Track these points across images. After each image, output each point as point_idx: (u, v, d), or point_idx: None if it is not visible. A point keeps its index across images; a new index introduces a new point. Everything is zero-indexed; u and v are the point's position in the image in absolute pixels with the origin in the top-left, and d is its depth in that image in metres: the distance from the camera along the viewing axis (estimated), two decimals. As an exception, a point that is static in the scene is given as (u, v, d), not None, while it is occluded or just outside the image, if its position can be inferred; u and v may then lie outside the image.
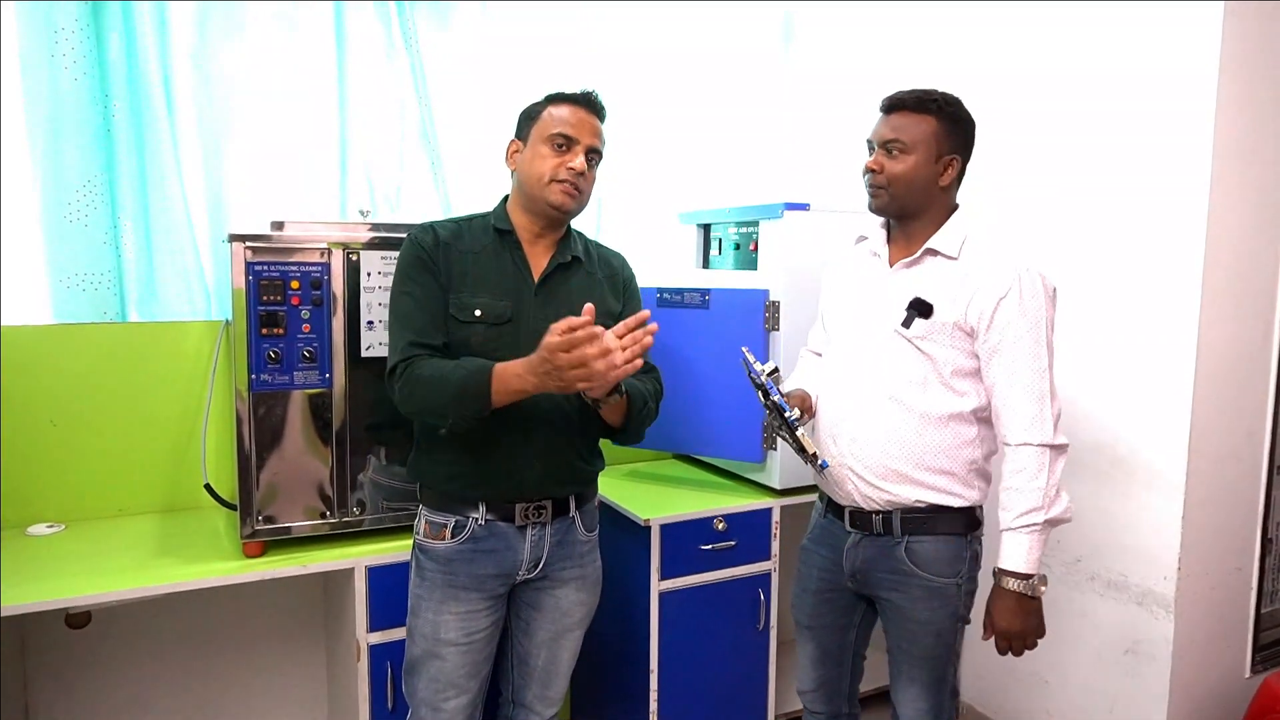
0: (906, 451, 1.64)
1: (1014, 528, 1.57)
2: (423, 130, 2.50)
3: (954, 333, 1.60)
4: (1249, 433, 2.23)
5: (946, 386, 1.62)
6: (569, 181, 1.62)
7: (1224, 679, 2.29)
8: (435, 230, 1.67)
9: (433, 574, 1.66)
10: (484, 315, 1.62)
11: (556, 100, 1.67)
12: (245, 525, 1.87)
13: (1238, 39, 2.02)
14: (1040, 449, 1.56)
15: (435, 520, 1.67)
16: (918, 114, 1.62)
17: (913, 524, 1.65)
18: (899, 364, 1.64)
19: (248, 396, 1.85)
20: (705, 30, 2.89)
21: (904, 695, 1.74)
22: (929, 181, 1.63)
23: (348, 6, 2.39)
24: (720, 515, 2.24)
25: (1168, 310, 2.12)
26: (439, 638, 1.64)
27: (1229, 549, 2.24)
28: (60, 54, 2.03)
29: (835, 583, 1.79)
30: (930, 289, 1.62)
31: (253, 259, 1.83)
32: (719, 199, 2.90)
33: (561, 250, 1.70)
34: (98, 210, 2.11)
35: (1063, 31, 2.34)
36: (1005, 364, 1.58)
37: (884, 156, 1.63)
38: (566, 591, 1.73)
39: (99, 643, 2.14)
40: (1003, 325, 1.57)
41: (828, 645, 1.84)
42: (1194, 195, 2.05)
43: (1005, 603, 1.58)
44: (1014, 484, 1.58)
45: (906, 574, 1.67)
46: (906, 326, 1.62)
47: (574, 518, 1.73)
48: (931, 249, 1.64)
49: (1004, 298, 1.56)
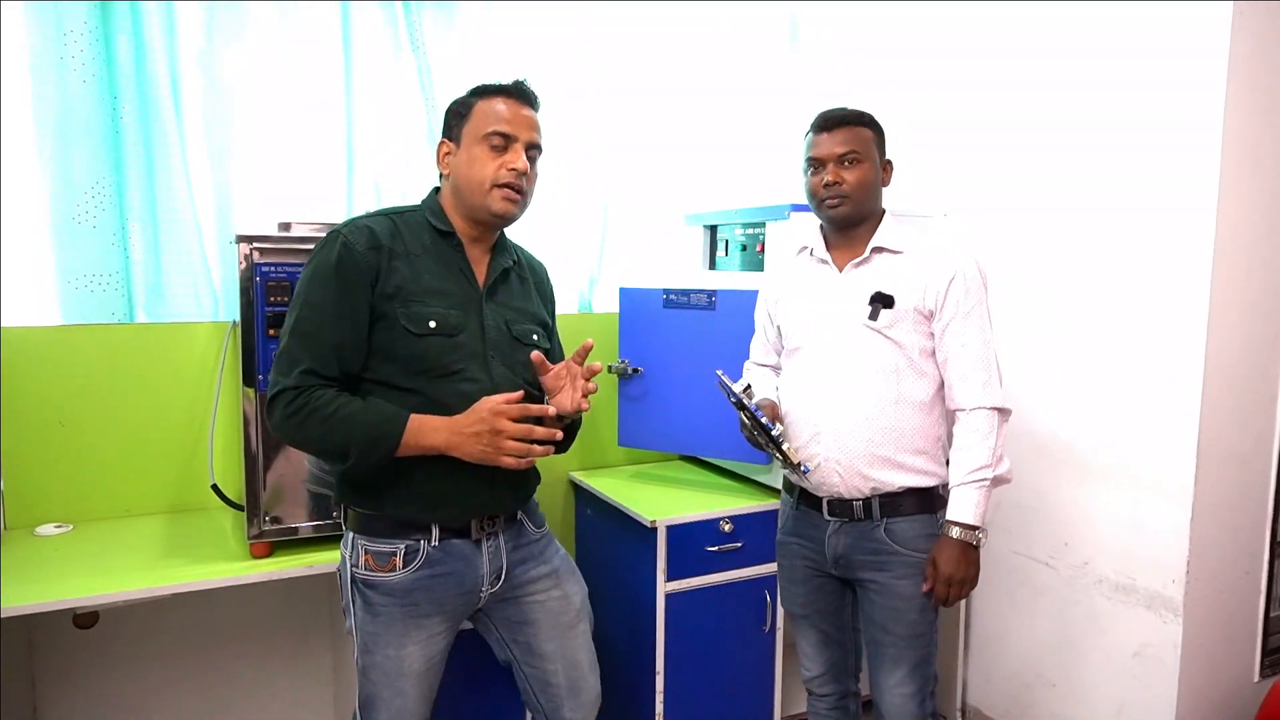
0: (887, 437, 1.73)
1: (965, 482, 1.69)
2: (429, 132, 2.51)
3: (915, 317, 1.73)
4: (1258, 436, 2.21)
5: (915, 370, 1.74)
6: (510, 185, 1.52)
7: (1233, 683, 2.28)
8: (371, 230, 1.49)
9: (388, 609, 1.51)
10: (439, 327, 1.50)
11: (485, 93, 1.56)
12: (252, 526, 1.87)
13: (1247, 40, 2.01)
14: (991, 412, 1.70)
15: (380, 550, 1.51)
16: (858, 126, 1.77)
17: (889, 507, 1.75)
18: (870, 355, 1.74)
19: (255, 397, 1.85)
20: (711, 31, 2.89)
21: (889, 682, 1.78)
22: (877, 186, 1.80)
23: (354, 8, 2.40)
24: (726, 517, 2.24)
25: (1176, 314, 2.11)
26: (402, 672, 1.53)
27: (1238, 553, 2.23)
28: (70, 56, 2.04)
29: (820, 569, 1.85)
30: (885, 282, 1.75)
31: (260, 260, 1.83)
32: (725, 200, 2.90)
33: (501, 254, 1.63)
34: (106, 211, 2.12)
35: (1069, 33, 2.33)
36: (957, 336, 1.72)
37: (841, 169, 1.74)
38: (545, 589, 1.66)
39: (106, 643, 2.14)
40: (954, 303, 1.72)
41: (827, 629, 1.90)
42: (1202, 199, 2.05)
43: (953, 551, 1.68)
44: (966, 443, 1.71)
45: (889, 552, 1.75)
46: (874, 319, 1.74)
47: (521, 519, 1.66)
48: (879, 246, 1.78)
49: (953, 279, 1.72)
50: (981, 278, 1.75)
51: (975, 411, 1.70)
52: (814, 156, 1.77)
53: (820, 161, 1.76)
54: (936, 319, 1.73)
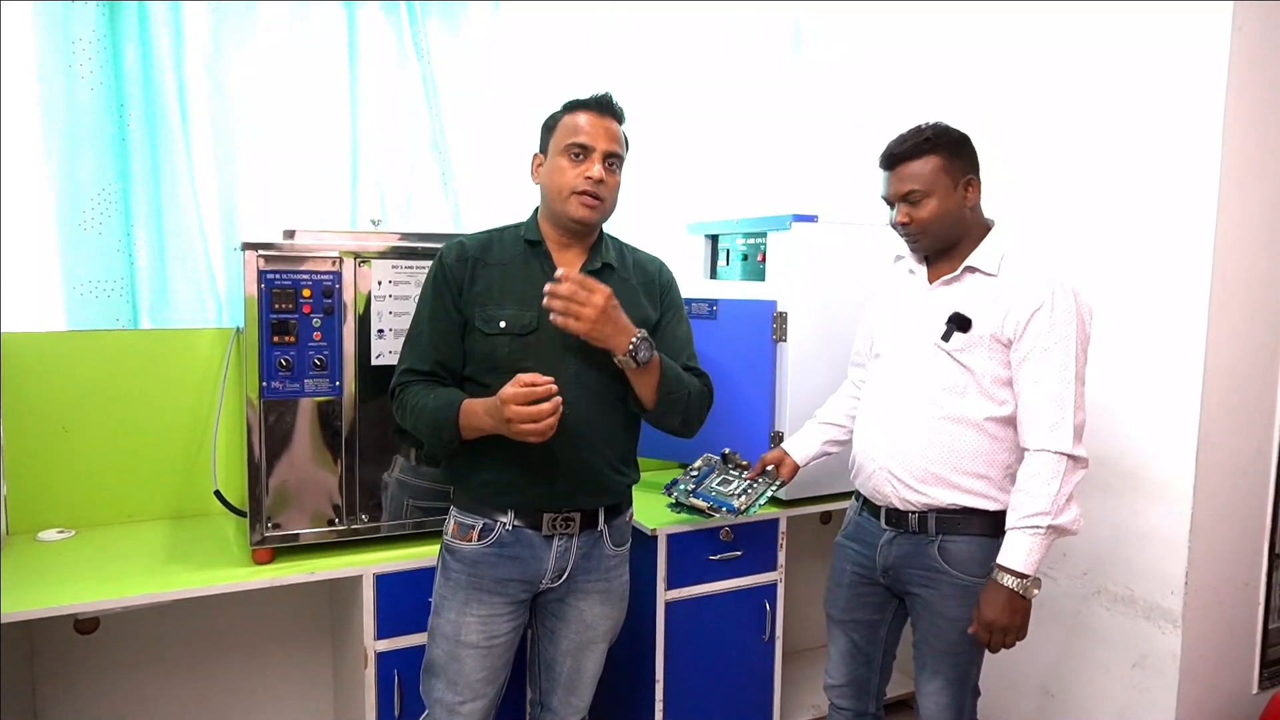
0: (944, 455, 1.69)
1: (1019, 527, 1.61)
2: (433, 139, 2.52)
3: (991, 344, 1.67)
4: (1257, 447, 2.22)
5: (984, 394, 1.68)
6: (588, 193, 1.61)
7: (1231, 694, 2.28)
8: (463, 244, 1.68)
9: (457, 574, 1.67)
10: (508, 327, 1.62)
11: (571, 108, 1.67)
12: (254, 532, 1.88)
13: (1246, 43, 2.02)
14: (1057, 456, 1.60)
15: (464, 522, 1.68)
16: (919, 158, 1.68)
17: (946, 524, 1.71)
18: (938, 375, 1.71)
19: (258, 404, 1.86)
20: (714, 39, 2.90)
21: (927, 689, 1.78)
22: (958, 210, 1.71)
23: (360, 16, 2.41)
24: (727, 525, 2.24)
25: (1175, 323, 2.12)
26: (460, 639, 1.65)
27: (1237, 564, 2.23)
28: (77, 64, 2.06)
29: (869, 577, 1.84)
30: (969, 304, 1.69)
31: (265, 267, 1.84)
32: (727, 210, 2.91)
33: (591, 258, 1.70)
34: (111, 218, 2.13)
35: (1070, 39, 2.34)
36: (1032, 372, 1.63)
37: (908, 207, 1.70)
38: (590, 604, 1.72)
39: (107, 648, 2.14)
40: (1034, 336, 1.63)
41: (859, 641, 1.89)
42: (1202, 205, 2.05)
43: (997, 597, 1.61)
44: (1026, 486, 1.62)
45: (938, 571, 1.72)
46: (946, 340, 1.69)
47: (602, 531, 1.71)
48: (971, 266, 1.71)
49: (1038, 310, 1.63)
50: (1078, 312, 1.63)
51: (1040, 454, 1.61)
52: (884, 195, 1.74)
53: (888, 201, 1.74)
54: (1014, 349, 1.65)
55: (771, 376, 2.34)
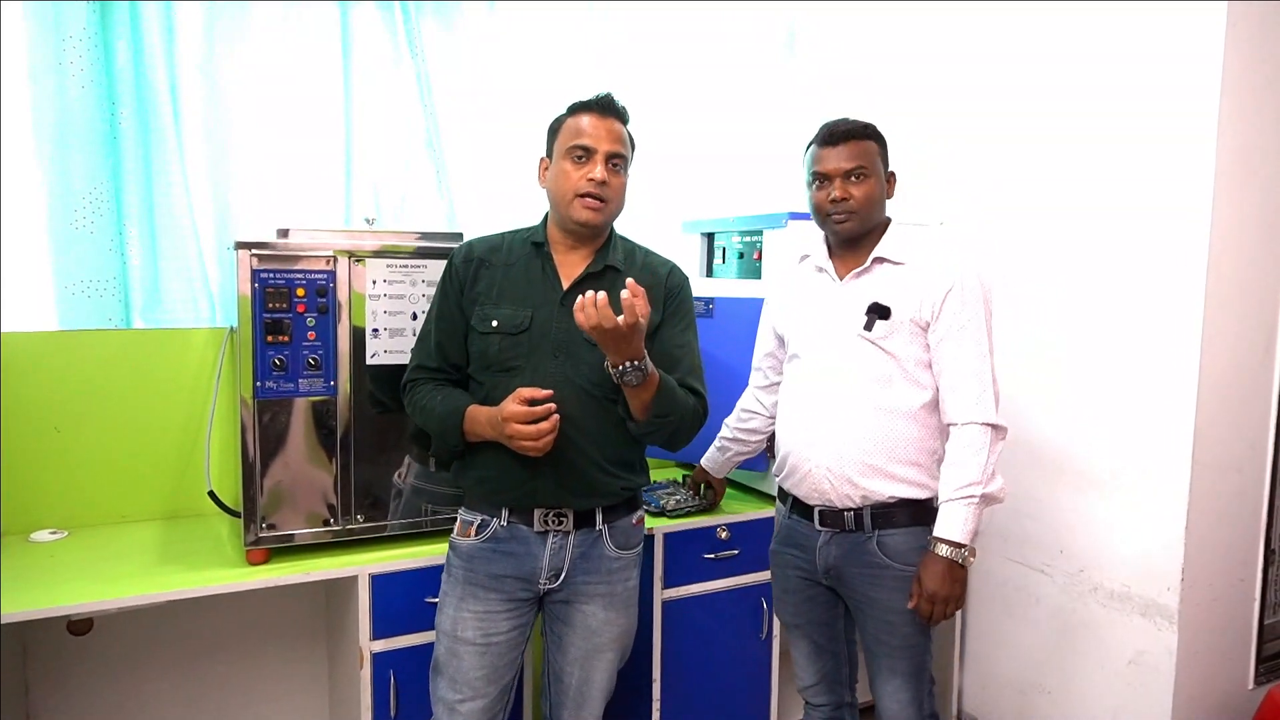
0: (879, 446, 1.73)
1: (954, 499, 1.66)
2: (428, 138, 2.51)
3: (912, 329, 1.72)
4: (1252, 444, 2.23)
5: (910, 381, 1.73)
6: (591, 195, 1.62)
7: (1228, 691, 2.29)
8: (472, 246, 1.72)
9: (456, 570, 1.70)
10: (500, 326, 1.64)
11: (574, 111, 1.68)
12: (249, 532, 1.87)
13: (1241, 42, 2.02)
14: (983, 427, 1.67)
15: (466, 518, 1.72)
16: (864, 140, 1.75)
17: (881, 518, 1.74)
18: (864, 365, 1.74)
19: (252, 404, 1.85)
20: (709, 39, 2.90)
21: (886, 688, 1.79)
22: (882, 198, 1.79)
23: (353, 15, 2.40)
24: (723, 524, 2.24)
25: (1170, 321, 2.12)
26: (457, 635, 1.66)
27: (1232, 560, 2.24)
28: (68, 61, 2.04)
29: (812, 579, 1.85)
30: (884, 293, 1.74)
31: (258, 266, 1.83)
32: (722, 208, 2.90)
33: (595, 260, 1.69)
34: (104, 217, 2.12)
35: (1064, 39, 2.35)
36: (951, 350, 1.70)
37: (848, 184, 1.73)
38: (594, 608, 1.71)
39: (101, 649, 2.13)
40: (949, 316, 1.70)
41: (819, 640, 1.90)
42: (1197, 205, 2.06)
43: (937, 567, 1.65)
44: (957, 459, 1.68)
45: (880, 566, 1.74)
46: (869, 329, 1.73)
47: (601, 531, 1.70)
48: (880, 257, 1.76)
49: (949, 291, 1.70)
50: (982, 290, 1.73)
51: (967, 426, 1.68)
52: (820, 171, 1.75)
53: (826, 176, 1.74)
54: (932, 331, 1.72)
55: (767, 375, 2.33)
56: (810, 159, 1.79)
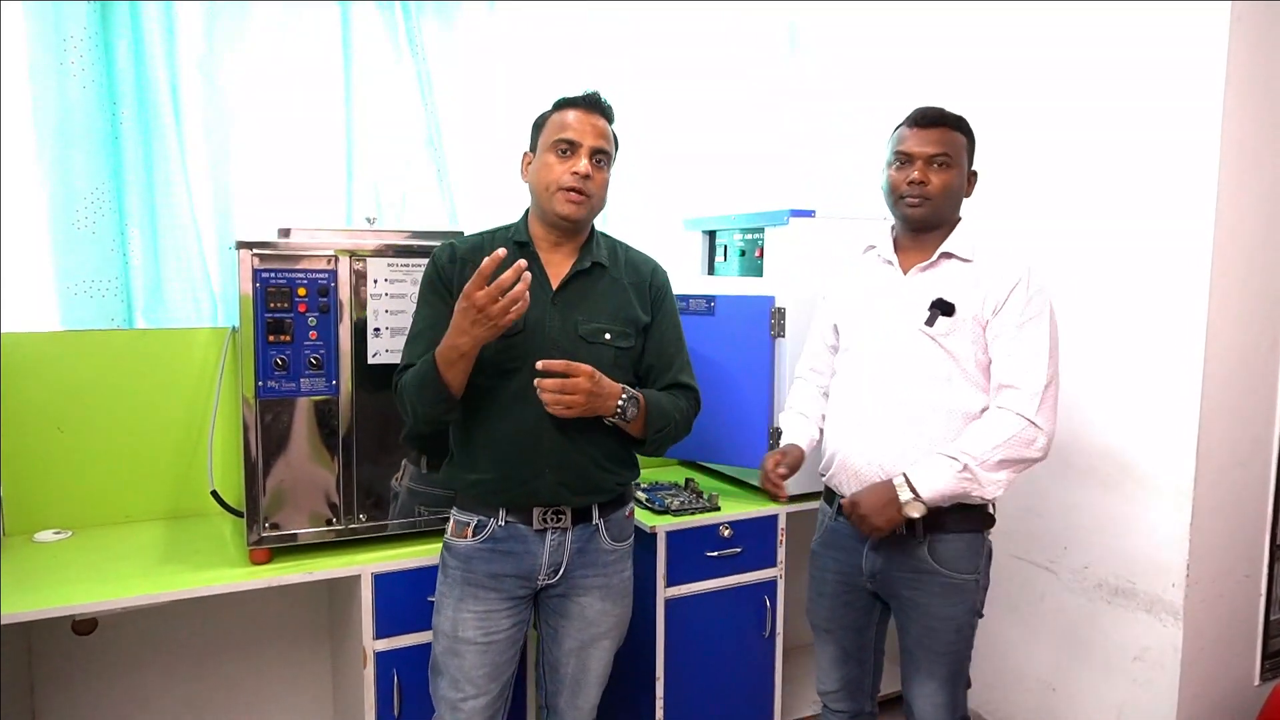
0: (934, 445, 1.65)
1: (945, 453, 1.61)
2: (429, 136, 2.51)
3: (974, 327, 1.66)
4: (1256, 439, 2.22)
5: (969, 381, 1.68)
6: (574, 189, 1.61)
7: (1233, 687, 2.28)
8: (454, 247, 1.69)
9: (454, 571, 1.69)
10: None
11: (560, 106, 1.67)
12: (251, 532, 1.87)
13: (1245, 41, 2.02)
14: (1017, 418, 1.60)
15: (461, 520, 1.70)
16: (955, 130, 1.70)
17: (934, 523, 1.67)
18: (923, 362, 1.69)
19: (254, 403, 1.85)
20: (711, 38, 2.89)
21: (921, 690, 1.75)
22: (960, 193, 1.73)
23: (354, 14, 2.40)
24: (726, 522, 2.23)
25: (1175, 317, 2.11)
26: (458, 635, 1.66)
27: (1238, 556, 2.23)
28: (69, 62, 2.04)
29: (852, 584, 1.81)
30: (949, 289, 1.68)
31: (259, 266, 1.83)
32: (724, 206, 2.90)
33: (581, 257, 1.69)
34: (105, 217, 2.12)
35: (1067, 36, 2.34)
36: (1007, 345, 1.64)
37: (929, 170, 1.68)
38: (591, 600, 1.72)
39: (105, 649, 2.14)
40: (1012, 310, 1.64)
41: (848, 645, 1.86)
42: (1201, 201, 2.05)
43: (883, 494, 1.62)
44: (976, 429, 1.63)
45: (928, 572, 1.70)
46: (930, 325, 1.67)
47: (598, 525, 1.71)
48: (948, 252, 1.71)
49: (1015, 286, 1.65)
50: (1047, 295, 1.66)
51: (1002, 412, 1.61)
52: (904, 151, 1.70)
53: (909, 157, 1.69)
54: (991, 326, 1.65)
55: (770, 372, 2.33)
56: (895, 138, 1.73)
